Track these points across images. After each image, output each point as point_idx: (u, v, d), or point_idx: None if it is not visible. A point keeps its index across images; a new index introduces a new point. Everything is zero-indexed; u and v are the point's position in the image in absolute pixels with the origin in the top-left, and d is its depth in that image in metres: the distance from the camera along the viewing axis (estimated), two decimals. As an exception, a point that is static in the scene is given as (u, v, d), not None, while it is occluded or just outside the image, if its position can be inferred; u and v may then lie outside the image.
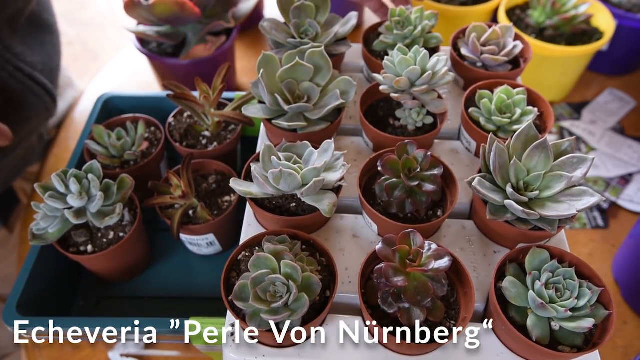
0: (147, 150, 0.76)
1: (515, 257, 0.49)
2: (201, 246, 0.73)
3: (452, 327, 0.46)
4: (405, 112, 0.62)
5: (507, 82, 0.63)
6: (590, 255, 0.82)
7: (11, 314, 0.60)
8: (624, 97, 1.05)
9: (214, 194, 0.73)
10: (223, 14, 0.91)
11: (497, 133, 0.60)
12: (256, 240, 0.51)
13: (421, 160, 0.53)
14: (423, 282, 0.44)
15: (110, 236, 0.66)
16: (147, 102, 0.85)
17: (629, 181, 0.91)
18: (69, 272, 0.72)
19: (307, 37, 0.67)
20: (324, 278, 0.48)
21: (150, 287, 0.74)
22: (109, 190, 0.64)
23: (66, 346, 0.72)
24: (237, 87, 1.05)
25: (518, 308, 0.46)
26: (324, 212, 0.50)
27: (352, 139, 0.66)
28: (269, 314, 0.43)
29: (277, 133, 0.60)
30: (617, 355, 0.72)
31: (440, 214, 0.55)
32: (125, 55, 1.16)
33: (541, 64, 0.93)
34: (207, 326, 0.57)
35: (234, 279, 0.48)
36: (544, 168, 0.50)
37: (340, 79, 0.60)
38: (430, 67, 0.58)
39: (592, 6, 0.97)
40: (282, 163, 0.50)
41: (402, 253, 0.44)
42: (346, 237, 0.56)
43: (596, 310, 0.45)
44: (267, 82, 0.58)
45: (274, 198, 0.55)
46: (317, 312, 0.46)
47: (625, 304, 0.76)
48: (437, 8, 0.99)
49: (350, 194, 0.59)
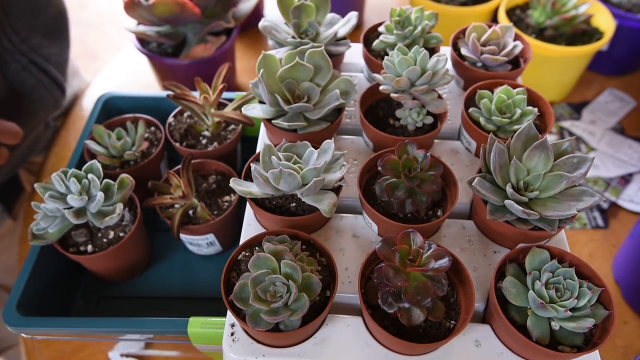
0: (147, 150, 0.76)
1: (515, 257, 0.49)
2: (201, 246, 0.73)
3: (452, 327, 0.46)
4: (405, 112, 0.62)
5: (507, 82, 0.63)
6: (590, 255, 0.82)
7: (11, 313, 0.60)
8: (624, 97, 1.05)
9: (214, 194, 0.73)
10: (223, 14, 0.91)
11: (497, 133, 0.60)
12: (256, 240, 0.51)
13: (421, 160, 0.53)
14: (423, 282, 0.44)
15: (110, 236, 0.66)
16: (147, 102, 0.85)
17: (629, 181, 0.91)
18: (69, 272, 0.72)
19: (307, 37, 0.67)
20: (324, 278, 0.48)
21: (150, 287, 0.74)
22: (109, 190, 0.64)
23: (66, 346, 0.72)
24: (237, 87, 1.05)
25: (518, 308, 0.46)
26: (324, 212, 0.50)
27: (352, 139, 0.66)
28: (269, 314, 0.43)
29: (277, 133, 0.60)
30: (617, 355, 0.72)
31: (440, 214, 0.55)
32: (125, 55, 1.16)
33: (541, 64, 0.93)
34: (207, 326, 0.57)
35: (234, 279, 0.48)
36: (544, 168, 0.50)
37: (340, 79, 0.60)
38: (430, 67, 0.58)
39: (592, 6, 0.97)
40: (282, 163, 0.50)
41: (402, 253, 0.44)
42: (346, 237, 0.56)
43: (596, 310, 0.45)
44: (267, 82, 0.58)
45: (274, 198, 0.55)
46: (317, 312, 0.46)
47: (625, 304, 0.76)
48: (437, 8, 0.99)
49: (350, 193, 0.60)
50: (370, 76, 0.73)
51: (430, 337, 0.46)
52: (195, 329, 0.57)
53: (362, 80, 0.75)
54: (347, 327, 0.49)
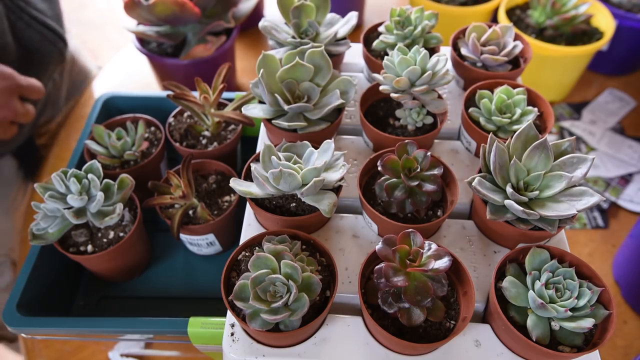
0: (147, 150, 0.76)
1: (515, 257, 0.49)
2: (201, 246, 0.73)
3: (452, 327, 0.46)
4: (405, 112, 0.62)
5: (507, 82, 0.63)
6: (590, 255, 0.82)
7: (11, 313, 0.60)
8: (624, 97, 1.05)
9: (214, 194, 0.73)
10: (223, 14, 0.91)
11: (497, 133, 0.60)
12: (256, 240, 0.51)
13: (421, 160, 0.53)
14: (423, 282, 0.44)
15: (110, 236, 0.66)
16: (147, 102, 0.85)
17: (629, 181, 0.91)
18: (69, 271, 0.72)
19: (307, 37, 0.67)
20: (324, 278, 0.48)
21: (150, 286, 0.74)
22: (109, 191, 0.64)
23: (66, 346, 0.72)
24: (237, 87, 1.05)
25: (518, 308, 0.46)
26: (324, 212, 0.50)
27: (352, 139, 0.66)
28: (269, 313, 0.43)
29: (277, 133, 0.60)
30: (617, 355, 0.72)
31: (440, 214, 0.55)
32: (125, 55, 1.16)
33: (541, 64, 0.93)
34: (207, 326, 0.57)
35: (234, 279, 0.48)
36: (544, 168, 0.50)
37: (340, 79, 0.60)
38: (430, 67, 0.58)
39: (592, 6, 0.97)
40: (282, 163, 0.50)
41: (402, 253, 0.44)
42: (346, 237, 0.56)
43: (596, 310, 0.45)
44: (267, 82, 0.58)
45: (274, 198, 0.55)
46: (317, 312, 0.46)
47: (625, 304, 0.76)
48: (437, 8, 0.99)
49: (350, 193, 0.60)
50: (370, 76, 0.73)
51: (430, 337, 0.46)
52: (195, 329, 0.57)
53: (362, 80, 0.75)
54: (347, 327, 0.49)
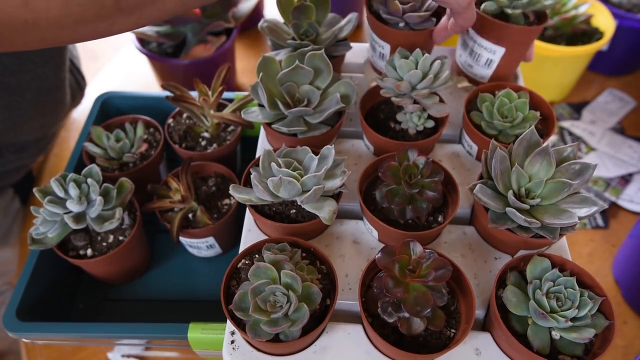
0: (146, 152, 0.76)
1: (516, 265, 0.49)
2: (201, 249, 0.73)
3: (452, 335, 0.46)
4: (406, 115, 0.62)
5: (508, 85, 0.62)
6: (590, 255, 0.82)
7: (11, 319, 0.60)
8: (624, 97, 1.04)
9: (214, 197, 0.73)
10: (223, 14, 0.90)
11: (498, 137, 0.60)
12: (256, 247, 0.51)
13: (422, 166, 0.53)
14: (423, 292, 0.44)
15: (110, 240, 0.66)
16: (146, 102, 0.84)
17: (629, 181, 0.91)
18: (68, 275, 0.72)
19: (307, 38, 0.66)
20: (324, 286, 0.48)
21: (150, 289, 0.74)
22: (108, 195, 0.64)
23: (66, 346, 0.72)
24: (237, 88, 1.05)
25: (518, 317, 0.46)
26: (324, 219, 0.50)
27: (353, 142, 0.66)
28: (269, 324, 0.42)
29: (277, 136, 0.60)
30: (617, 355, 0.72)
31: (441, 220, 0.54)
32: (125, 55, 1.15)
33: (541, 64, 0.93)
34: (207, 332, 0.57)
35: (233, 288, 0.48)
36: (546, 175, 0.49)
37: (340, 82, 0.60)
38: (432, 70, 0.58)
39: (592, 6, 0.97)
40: (282, 170, 0.50)
41: (401, 263, 0.44)
42: (346, 243, 0.56)
43: (597, 319, 0.45)
44: (266, 85, 0.57)
45: (273, 205, 0.54)
46: (317, 320, 0.46)
47: (625, 304, 0.77)
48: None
49: (350, 198, 0.59)
50: (373, 58, 0.71)
51: (431, 346, 0.46)
52: (195, 335, 0.57)
53: (363, 81, 0.74)
54: (348, 335, 0.48)
